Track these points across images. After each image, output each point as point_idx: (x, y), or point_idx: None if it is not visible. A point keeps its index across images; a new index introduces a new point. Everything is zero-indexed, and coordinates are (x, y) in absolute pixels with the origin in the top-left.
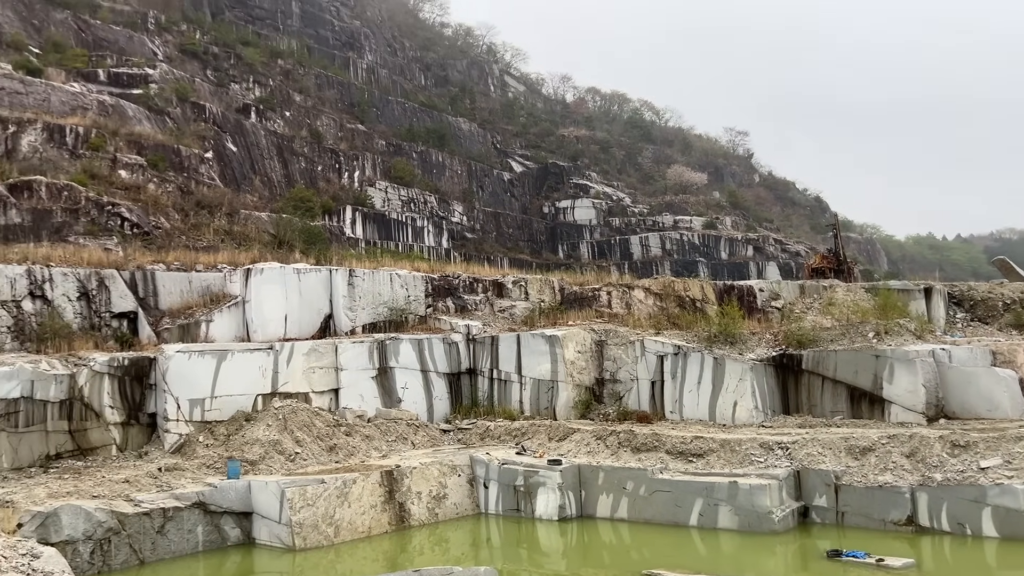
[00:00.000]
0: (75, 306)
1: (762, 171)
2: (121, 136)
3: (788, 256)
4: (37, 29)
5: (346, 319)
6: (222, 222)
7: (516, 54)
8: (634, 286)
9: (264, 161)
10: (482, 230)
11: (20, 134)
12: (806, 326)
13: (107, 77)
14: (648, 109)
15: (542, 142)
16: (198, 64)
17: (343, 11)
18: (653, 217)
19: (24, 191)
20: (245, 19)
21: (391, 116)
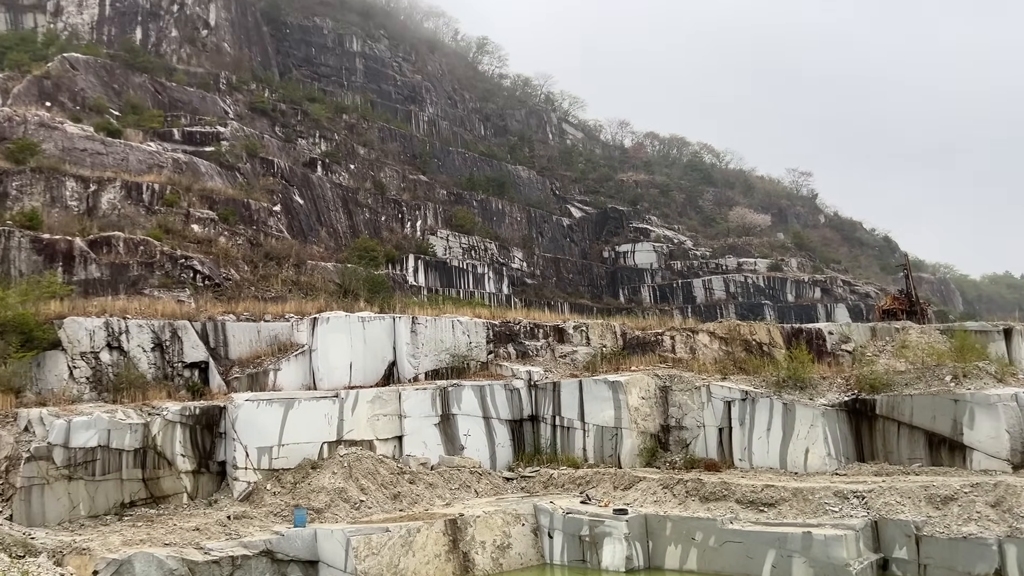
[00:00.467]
0: (149, 356)
1: (827, 212)
2: (194, 192)
3: (857, 298)
4: (117, 93)
5: (409, 366)
6: (290, 273)
7: (574, 102)
8: (698, 330)
9: (330, 213)
10: (542, 276)
11: (100, 192)
12: (879, 370)
13: (181, 136)
14: (708, 152)
15: (601, 187)
16: (267, 121)
17: (405, 66)
18: (716, 260)
19: (103, 246)
20: (311, 77)
21: (452, 166)
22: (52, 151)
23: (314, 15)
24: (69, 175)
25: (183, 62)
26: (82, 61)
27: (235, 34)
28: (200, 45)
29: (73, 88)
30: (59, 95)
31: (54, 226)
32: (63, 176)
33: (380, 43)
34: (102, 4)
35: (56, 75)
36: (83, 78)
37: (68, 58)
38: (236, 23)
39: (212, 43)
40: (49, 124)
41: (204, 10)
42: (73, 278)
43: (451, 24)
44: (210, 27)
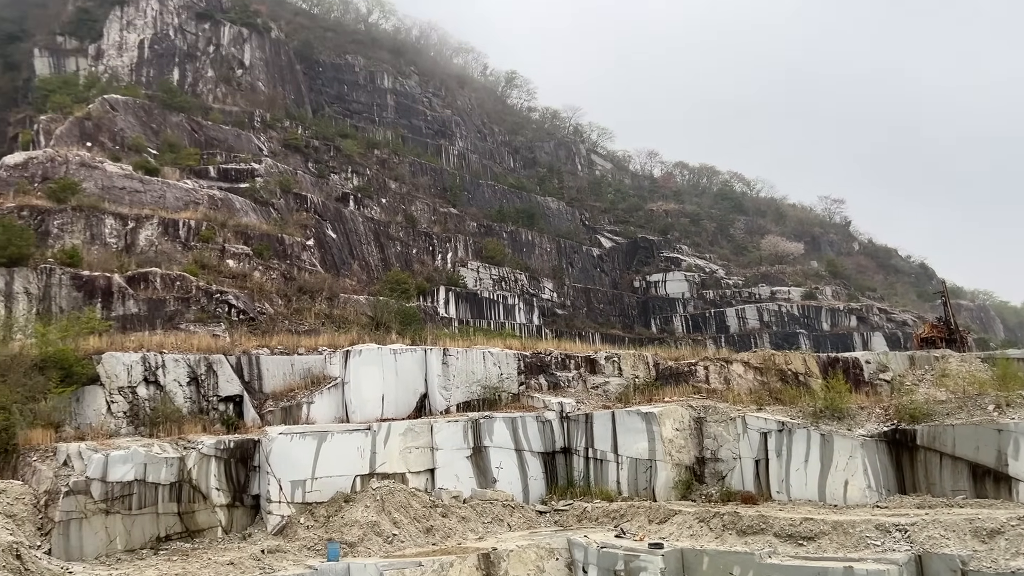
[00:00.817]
0: (185, 391)
1: (861, 239)
2: (229, 228)
3: (894, 326)
4: (155, 132)
5: (441, 398)
6: (323, 306)
7: (602, 133)
8: (732, 360)
9: (362, 246)
10: (572, 306)
11: (138, 229)
12: (919, 399)
13: (217, 173)
14: (738, 180)
15: (631, 217)
16: (300, 157)
17: (435, 101)
18: (749, 289)
19: (141, 282)
20: (343, 113)
21: (482, 198)
22: (92, 190)
23: (346, 53)
24: (108, 213)
25: (219, 101)
26: (121, 102)
27: (269, 73)
28: (235, 84)
29: (113, 128)
30: (99, 135)
31: (93, 263)
32: (102, 214)
33: (410, 79)
34: (141, 47)
35: (97, 116)
36: (122, 118)
37: (108, 99)
38: (270, 62)
39: (247, 82)
40: (89, 164)
41: (239, 51)
42: (112, 314)
43: (480, 59)
44: (245, 67)
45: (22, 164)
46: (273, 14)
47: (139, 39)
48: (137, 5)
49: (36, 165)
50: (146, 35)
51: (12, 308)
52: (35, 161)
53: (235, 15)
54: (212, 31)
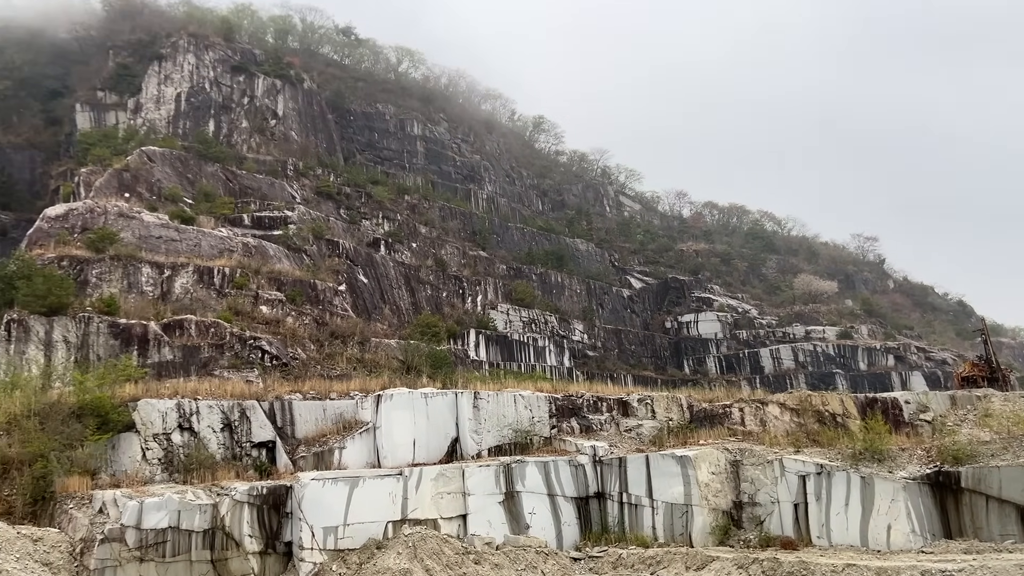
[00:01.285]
0: (219, 437)
1: (896, 277)
2: (263, 274)
3: (933, 365)
4: (191, 182)
5: (472, 442)
6: (354, 351)
7: (630, 175)
8: (768, 401)
9: (393, 291)
10: (603, 348)
11: (174, 277)
12: (962, 440)
13: (251, 221)
14: (769, 219)
15: (660, 257)
16: (332, 204)
17: (464, 147)
18: (783, 328)
19: (176, 329)
20: (374, 160)
21: (511, 241)
22: (130, 239)
23: (376, 102)
24: (145, 262)
25: (253, 151)
26: (159, 153)
27: (302, 123)
28: (269, 134)
29: (150, 179)
30: (137, 186)
31: (130, 311)
32: (139, 263)
33: (440, 126)
34: (178, 100)
35: (135, 167)
36: (159, 169)
37: (146, 151)
38: (303, 112)
39: (280, 132)
40: (127, 214)
41: (273, 102)
42: (147, 361)
43: (508, 105)
44: (278, 117)
45: (63, 215)
46: (306, 65)
47: (176, 92)
48: (175, 60)
49: (76, 216)
50: (183, 88)
51: (51, 356)
52: (75, 212)
53: (269, 67)
54: (247, 83)
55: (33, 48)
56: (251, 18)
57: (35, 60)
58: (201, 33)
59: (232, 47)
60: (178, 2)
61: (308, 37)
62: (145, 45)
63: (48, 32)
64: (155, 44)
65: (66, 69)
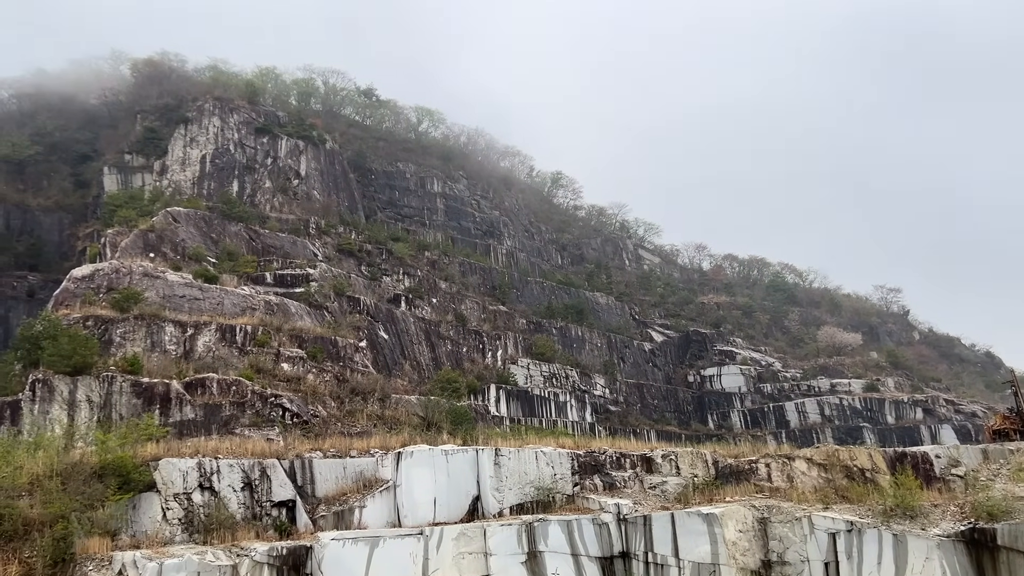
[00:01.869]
0: (239, 496)
1: (921, 328)
2: (284, 332)
3: (963, 417)
4: (215, 241)
5: (493, 500)
6: (374, 407)
7: (649, 228)
8: (795, 456)
9: (413, 346)
10: (626, 402)
11: (197, 336)
12: (996, 496)
13: (273, 279)
14: (790, 271)
15: (681, 311)
16: (353, 261)
17: (483, 203)
18: (808, 382)
19: (198, 388)
20: (395, 217)
21: (530, 296)
22: (154, 298)
23: (397, 160)
24: (168, 320)
25: (275, 210)
26: (183, 214)
27: (324, 182)
28: (292, 194)
29: (175, 239)
30: (162, 246)
31: (153, 370)
32: (163, 322)
33: (459, 183)
34: (203, 162)
35: (160, 228)
36: (184, 229)
37: (171, 212)
38: (325, 172)
39: (303, 191)
40: (152, 274)
41: (295, 162)
42: (169, 420)
43: (526, 162)
44: (301, 177)
45: (89, 276)
46: (328, 126)
47: (201, 154)
48: (200, 123)
49: (102, 276)
50: (208, 150)
51: (75, 416)
52: (101, 273)
53: (292, 129)
54: (270, 144)
55: (64, 114)
56: (275, 81)
57: (66, 125)
58: (226, 96)
59: (256, 109)
60: (204, 67)
61: (330, 99)
62: (172, 109)
63: (79, 98)
64: (182, 108)
65: (95, 133)
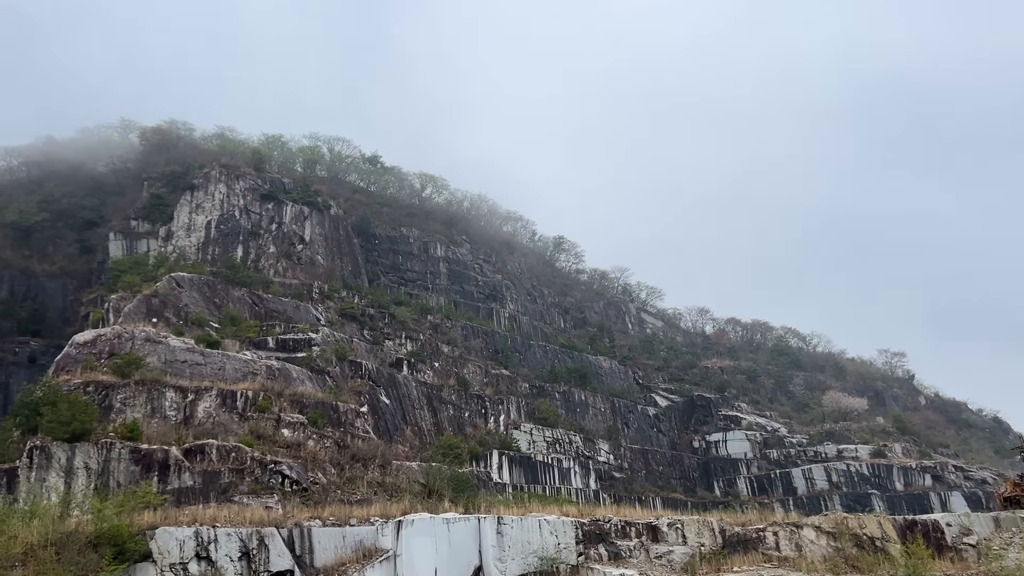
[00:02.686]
0: (236, 566)
1: (927, 392)
2: (285, 397)
3: (973, 484)
4: (218, 306)
5: (496, 571)
6: (375, 474)
7: (651, 292)
8: (803, 525)
9: (415, 411)
10: (630, 468)
11: (197, 401)
12: (1010, 565)
13: (275, 344)
14: (793, 336)
15: (685, 375)
16: (356, 325)
17: (486, 267)
18: (814, 447)
19: (197, 454)
20: (398, 282)
21: (533, 359)
22: (155, 364)
23: (401, 226)
24: (169, 386)
25: (279, 275)
26: (187, 279)
27: (328, 247)
28: (296, 259)
29: (178, 304)
30: (165, 311)
31: (152, 436)
32: (164, 387)
33: (462, 247)
34: (208, 227)
35: (163, 293)
36: (187, 294)
37: (175, 277)
38: (329, 237)
39: (307, 256)
40: (154, 339)
41: (300, 227)
42: (167, 487)
43: (528, 226)
44: (305, 242)
45: (91, 341)
46: (333, 192)
47: (207, 220)
48: (206, 189)
49: (104, 342)
50: (213, 216)
51: (72, 483)
52: (103, 338)
53: (297, 195)
54: (275, 210)
55: (72, 181)
56: (281, 149)
57: (73, 192)
58: (233, 164)
59: (262, 176)
60: (212, 135)
61: (336, 165)
62: (179, 176)
63: (87, 166)
64: (188, 175)
65: (102, 200)
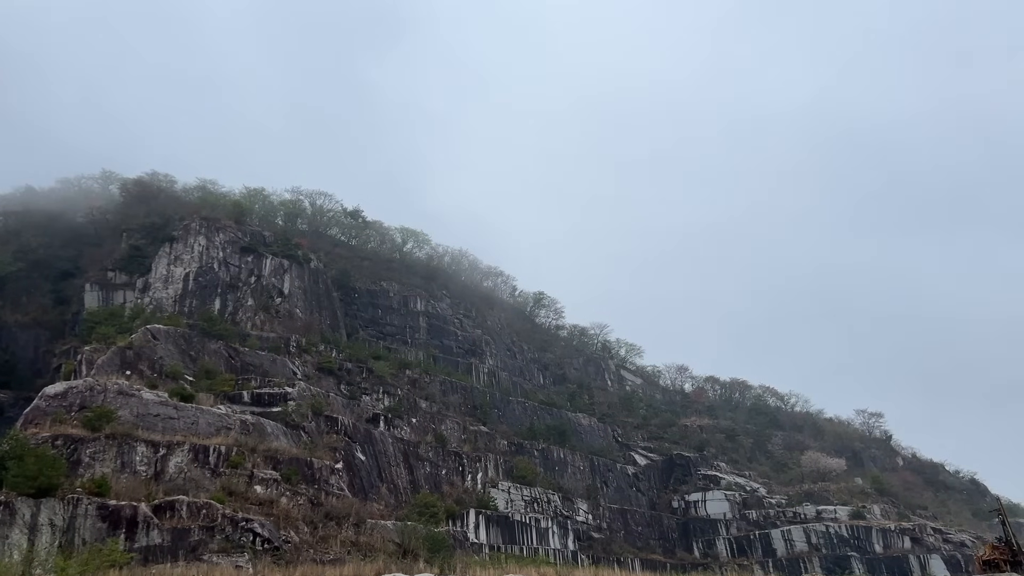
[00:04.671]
0: None
1: (904, 453)
2: (259, 452)
3: (952, 547)
4: (193, 359)
5: None
6: (349, 533)
7: (630, 349)
8: None
9: (391, 468)
10: (609, 529)
11: (169, 456)
12: None
13: (250, 398)
14: (771, 395)
15: (664, 433)
16: (333, 379)
17: (466, 322)
18: (793, 508)
19: (167, 511)
20: (377, 336)
21: (512, 416)
22: (127, 417)
23: (381, 280)
24: (140, 440)
25: (256, 328)
26: (163, 331)
27: (307, 300)
28: (274, 312)
29: (153, 356)
30: (139, 363)
31: (121, 492)
32: (135, 441)
33: (442, 302)
34: (186, 279)
35: (138, 345)
36: (163, 347)
37: (150, 329)
38: (308, 291)
39: (285, 309)
40: (127, 392)
41: (279, 280)
42: (135, 544)
43: (508, 282)
44: (284, 295)
45: (61, 394)
46: (313, 246)
47: (185, 272)
48: (186, 241)
49: (75, 394)
50: (192, 268)
51: (35, 541)
52: (74, 390)
53: (277, 248)
54: (254, 263)
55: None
56: (263, 202)
57: (50, 243)
58: (213, 216)
59: (242, 229)
60: (193, 187)
61: (317, 219)
62: (158, 228)
63: (66, 216)
64: (168, 227)
65: (79, 251)
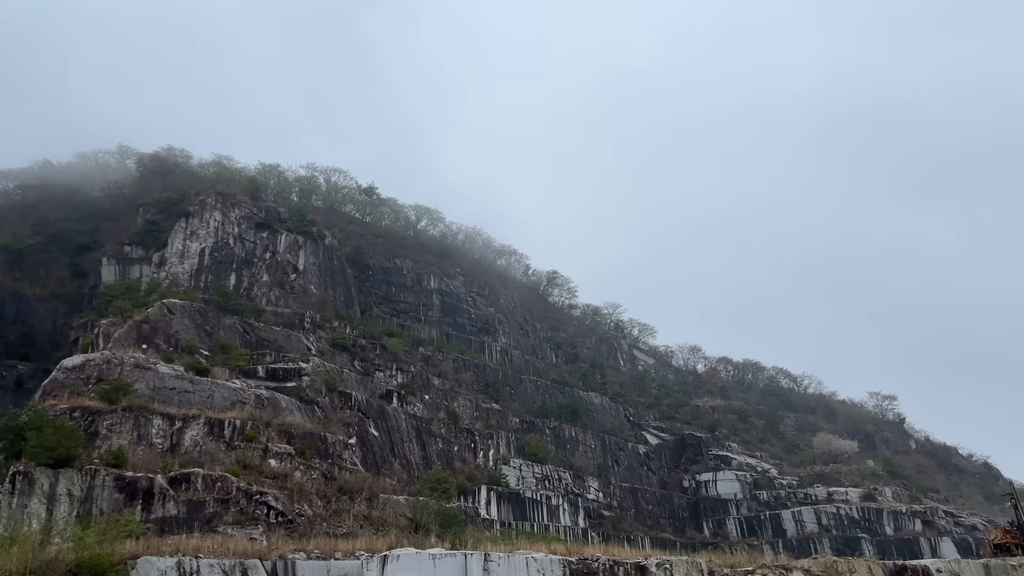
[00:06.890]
0: None
1: (917, 436)
2: (273, 427)
3: (963, 530)
4: (209, 334)
5: None
6: (362, 507)
7: (643, 329)
8: (792, 568)
9: (404, 444)
10: (619, 507)
11: (184, 429)
12: None
13: (265, 372)
14: (784, 376)
15: (676, 413)
16: (347, 356)
17: (479, 300)
18: (804, 489)
19: (183, 483)
20: (391, 313)
21: (524, 394)
22: (143, 390)
23: (395, 257)
24: (156, 413)
25: (271, 303)
26: (179, 306)
27: (321, 277)
28: (288, 287)
29: (168, 331)
30: (155, 337)
31: (138, 464)
32: (151, 414)
33: (456, 280)
34: (202, 255)
35: (154, 319)
36: (178, 321)
37: (166, 303)
38: (323, 267)
39: (300, 285)
40: (143, 365)
41: (294, 256)
42: (151, 515)
43: (522, 261)
44: (298, 271)
45: (79, 366)
46: (328, 222)
47: (200, 247)
48: (201, 216)
49: (92, 367)
50: (207, 243)
51: (54, 510)
52: (92, 363)
53: (292, 224)
54: (269, 239)
55: (67, 205)
56: (278, 178)
57: (68, 217)
58: (229, 192)
59: (257, 205)
60: (209, 163)
61: (331, 196)
62: (174, 203)
63: (83, 190)
64: (184, 202)
65: (96, 225)
